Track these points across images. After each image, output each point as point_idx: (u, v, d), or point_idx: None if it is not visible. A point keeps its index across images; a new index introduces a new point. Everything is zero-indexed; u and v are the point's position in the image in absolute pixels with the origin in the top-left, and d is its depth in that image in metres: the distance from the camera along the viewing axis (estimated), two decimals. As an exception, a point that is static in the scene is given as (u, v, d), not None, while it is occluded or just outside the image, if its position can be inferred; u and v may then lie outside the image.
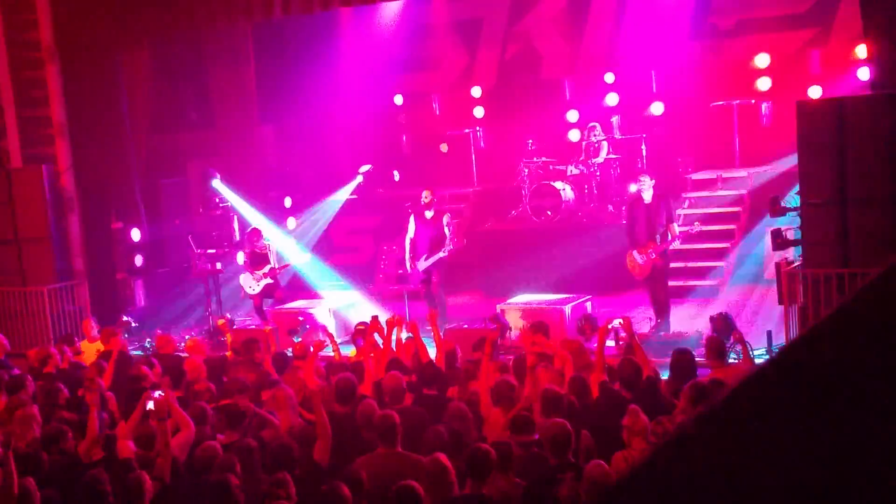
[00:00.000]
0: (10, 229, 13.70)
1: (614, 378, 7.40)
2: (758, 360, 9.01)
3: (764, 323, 10.69)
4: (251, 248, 13.40)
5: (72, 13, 13.80)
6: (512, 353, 9.40)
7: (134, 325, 13.29)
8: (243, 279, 13.50)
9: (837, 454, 1.06)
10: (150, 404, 6.60)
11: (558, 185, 14.72)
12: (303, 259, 14.33)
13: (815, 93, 14.20)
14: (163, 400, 6.59)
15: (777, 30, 15.52)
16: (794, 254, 10.63)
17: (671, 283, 11.69)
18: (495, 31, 17.87)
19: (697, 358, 8.17)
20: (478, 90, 17.60)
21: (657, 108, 15.66)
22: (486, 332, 8.61)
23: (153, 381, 8.55)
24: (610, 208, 14.87)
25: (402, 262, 13.22)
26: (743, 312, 11.54)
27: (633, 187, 13.10)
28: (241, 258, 13.90)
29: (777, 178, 13.49)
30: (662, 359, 8.51)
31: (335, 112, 17.92)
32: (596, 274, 13.23)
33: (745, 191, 14.41)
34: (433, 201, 11.93)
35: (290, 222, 15.65)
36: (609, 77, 16.12)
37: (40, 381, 9.00)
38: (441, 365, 8.26)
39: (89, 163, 14.09)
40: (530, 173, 15.22)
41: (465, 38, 18.11)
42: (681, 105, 15.57)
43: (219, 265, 14.01)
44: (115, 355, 9.52)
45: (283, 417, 7.29)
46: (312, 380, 7.87)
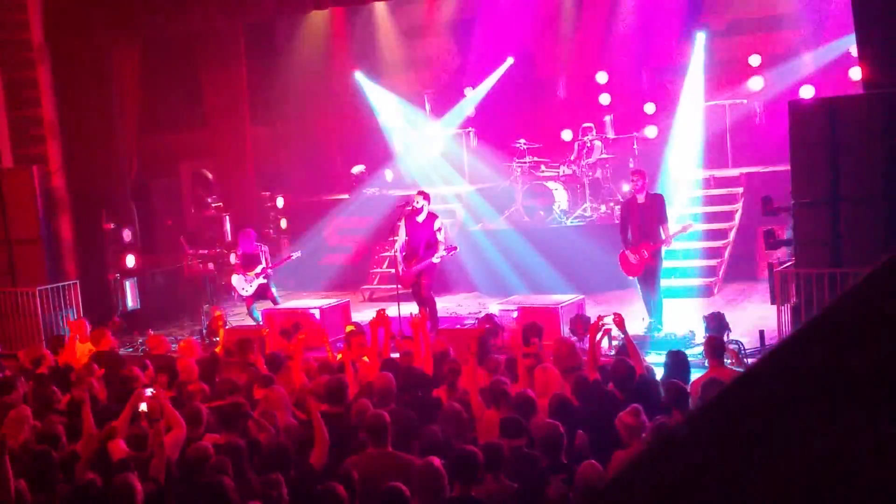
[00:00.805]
0: (0, 230, 13.65)
1: (607, 378, 7.39)
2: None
3: (757, 323, 10.70)
4: (243, 250, 13.35)
5: (63, 13, 13.75)
6: (505, 354, 9.39)
7: (125, 326, 13.24)
8: (235, 280, 13.45)
9: (828, 454, 1.05)
10: (143, 406, 6.57)
11: (551, 185, 14.72)
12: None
13: (807, 92, 14.24)
14: (155, 400, 6.56)
15: (769, 30, 15.58)
16: (786, 253, 10.66)
17: (664, 282, 11.69)
18: (488, 31, 17.86)
19: (690, 357, 8.18)
20: (470, 90, 17.60)
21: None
22: (477, 332, 8.60)
23: (144, 382, 8.52)
24: (603, 208, 14.88)
25: (393, 264, 13.18)
26: (736, 312, 11.55)
27: (627, 187, 13.11)
28: (233, 259, 13.86)
29: (770, 178, 13.52)
30: (656, 358, 8.51)
31: (328, 112, 17.89)
32: (589, 274, 13.23)
33: (737, 190, 14.45)
34: (425, 205, 11.91)
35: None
36: (601, 77, 16.12)
37: (32, 382, 8.96)
38: (429, 366, 8.23)
39: (81, 163, 14.02)
40: (522, 173, 15.21)
41: (458, 37, 18.10)
42: (672, 105, 15.59)
43: (211, 266, 13.96)
44: (107, 356, 9.49)
45: (278, 417, 7.27)
46: (300, 377, 7.85)
